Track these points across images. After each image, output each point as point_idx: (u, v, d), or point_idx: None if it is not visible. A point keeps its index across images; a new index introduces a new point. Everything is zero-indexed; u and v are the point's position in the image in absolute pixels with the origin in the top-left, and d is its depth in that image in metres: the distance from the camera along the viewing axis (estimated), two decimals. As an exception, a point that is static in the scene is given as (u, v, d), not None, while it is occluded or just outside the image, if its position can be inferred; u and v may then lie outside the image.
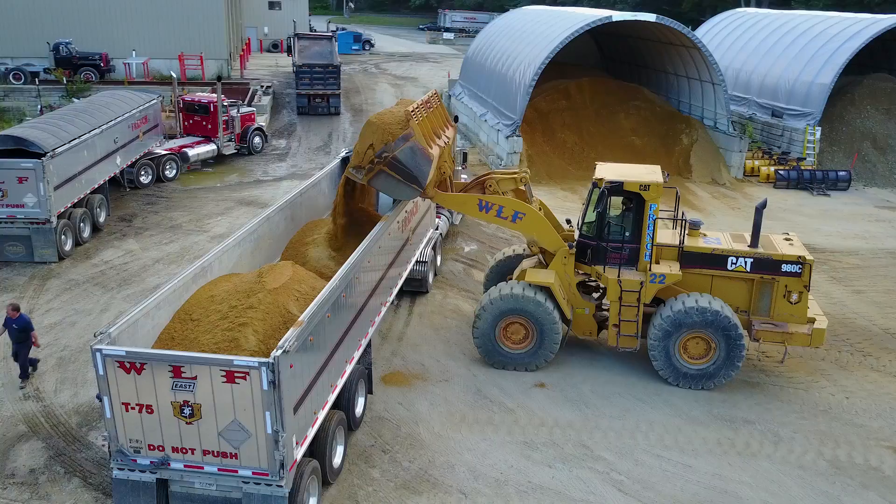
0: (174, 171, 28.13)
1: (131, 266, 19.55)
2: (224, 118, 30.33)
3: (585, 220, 15.27)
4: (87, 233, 21.15)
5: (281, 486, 9.27)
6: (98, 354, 8.99)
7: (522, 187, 15.61)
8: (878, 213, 26.71)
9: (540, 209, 15.65)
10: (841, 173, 29.21)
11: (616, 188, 14.43)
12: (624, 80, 35.64)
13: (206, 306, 10.77)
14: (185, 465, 9.36)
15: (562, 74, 34.81)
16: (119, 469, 9.55)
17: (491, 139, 31.56)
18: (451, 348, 15.57)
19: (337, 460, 11.19)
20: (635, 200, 14.64)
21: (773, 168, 29.78)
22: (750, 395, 14.00)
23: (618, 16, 28.74)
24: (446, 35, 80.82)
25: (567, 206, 25.06)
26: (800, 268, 14.41)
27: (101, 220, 22.26)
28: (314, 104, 39.27)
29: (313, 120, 38.66)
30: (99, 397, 9.31)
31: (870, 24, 31.39)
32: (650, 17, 28.94)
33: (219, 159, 30.54)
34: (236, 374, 8.78)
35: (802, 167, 29.59)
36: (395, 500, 10.96)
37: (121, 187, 25.65)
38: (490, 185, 15.28)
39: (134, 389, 9.07)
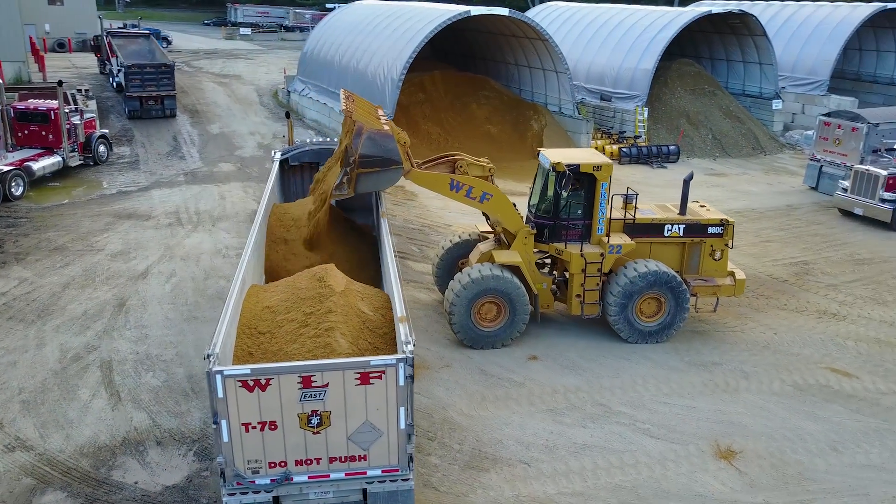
0: (21, 188, 25.19)
1: (37, 295, 17.55)
2: (66, 126, 27.59)
3: (539, 203, 16.48)
4: (-36, 264, 18.56)
5: (407, 480, 9.43)
6: (218, 377, 8.50)
7: (489, 175, 16.46)
8: (709, 179, 30.87)
9: None
10: (671, 147, 33.27)
11: (574, 170, 15.78)
12: (459, 70, 37.33)
13: (269, 318, 10.47)
14: (308, 477, 9.17)
15: (410, 68, 35.74)
16: (230, 495, 9.11)
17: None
18: (433, 336, 16.06)
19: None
20: (587, 180, 16.11)
21: (615, 146, 33.14)
22: (705, 342, 16.11)
23: (476, 10, 30.21)
24: (243, 31, 78.03)
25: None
26: (722, 229, 16.76)
27: (-30, 248, 19.60)
28: (147, 107, 36.67)
29: (149, 124, 36.10)
30: (215, 421, 8.80)
31: (677, 17, 35.88)
32: (504, 11, 30.78)
33: (64, 172, 27.75)
34: (371, 375, 8.81)
35: (639, 144, 33.27)
36: (467, 479, 11.44)
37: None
38: (461, 167, 15.93)
39: (257, 408, 8.73)
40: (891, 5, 41.19)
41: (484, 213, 16.88)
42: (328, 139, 20.37)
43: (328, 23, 40.75)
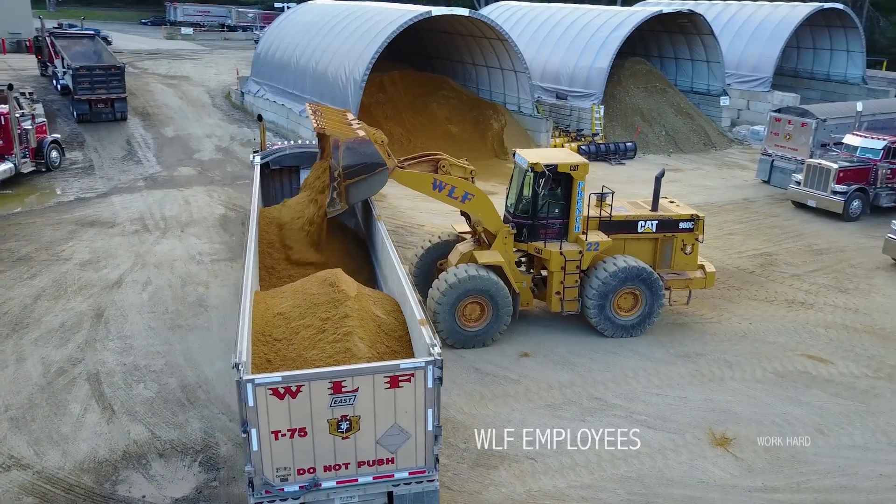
0: (-27, 197, 24.25)
1: (8, 307, 16.95)
2: (17, 131, 26.62)
3: (517, 203, 16.71)
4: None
5: (433, 481, 9.54)
6: (249, 386, 8.44)
7: (469, 177, 16.61)
8: (667, 175, 31.55)
9: None
10: (628, 144, 34.06)
11: (552, 170, 16.08)
12: (417, 70, 37.44)
13: (283, 324, 10.43)
14: (337, 482, 9.19)
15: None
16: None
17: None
18: (423, 337, 16.15)
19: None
20: (564, 179, 16.44)
21: (574, 144, 33.72)
22: (686, 334, 16.65)
23: (437, 11, 30.36)
24: (184, 30, 76.27)
25: (413, 194, 25.83)
26: (693, 224, 17.33)
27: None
28: (97, 110, 35.59)
29: (100, 128, 35.08)
30: (245, 430, 8.73)
31: (629, 17, 36.75)
32: (464, 11, 31.00)
33: (15, 179, 26.78)
34: (401, 378, 8.88)
35: (598, 142, 33.96)
36: (477, 477, 11.61)
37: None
38: (444, 167, 16.03)
39: (287, 415, 8.70)
40: (827, 5, 43.01)
41: (463, 214, 17.06)
42: (308, 142, 20.25)
43: (282, 23, 40.26)
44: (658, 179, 17.64)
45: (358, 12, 33.92)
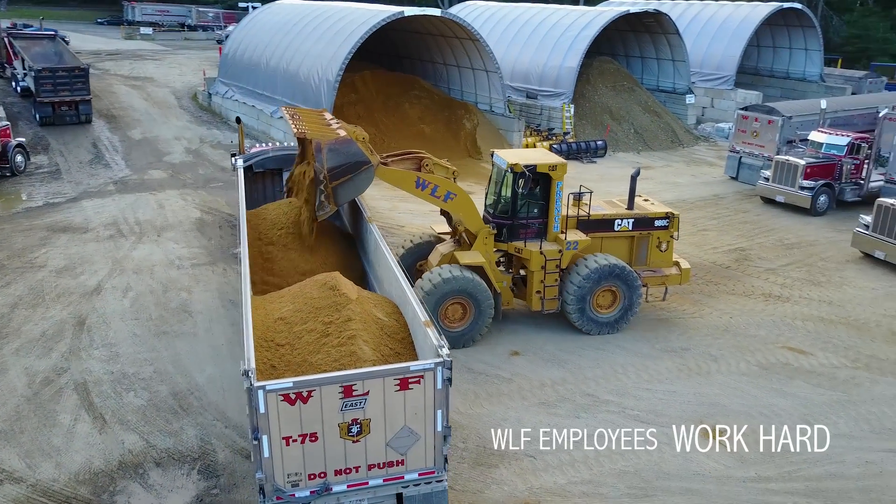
0: (-63, 204, 23.56)
1: (-16, 317, 16.55)
2: (-20, 136, 25.96)
3: (497, 203, 16.80)
4: None
5: (441, 481, 9.60)
6: (261, 392, 8.41)
7: (452, 177, 16.68)
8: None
9: None
10: (599, 143, 34.48)
11: (532, 170, 16.24)
12: (387, 70, 37.36)
13: (285, 329, 10.38)
14: (347, 486, 9.20)
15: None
16: (266, 511, 9.03)
17: (292, 136, 31.25)
18: (413, 338, 16.18)
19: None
20: (543, 179, 16.60)
21: (546, 143, 34.01)
22: (669, 329, 16.96)
23: (409, 11, 30.33)
24: (143, 30, 74.85)
25: (392, 195, 25.90)
26: (668, 221, 17.66)
27: None
28: (60, 113, 34.76)
29: (65, 131, 34.29)
30: (256, 437, 8.68)
31: (597, 16, 37.19)
32: (435, 11, 31.05)
33: (-21, 184, 26.12)
34: (410, 380, 8.93)
35: (569, 140, 34.31)
36: (479, 476, 11.70)
37: None
38: (427, 165, 16.04)
39: (298, 421, 8.68)
40: (786, 5, 44.05)
41: (443, 214, 17.09)
42: (288, 144, 20.11)
43: (250, 23, 39.81)
44: (634, 178, 17.93)
45: (328, 12, 33.72)
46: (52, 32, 41.38)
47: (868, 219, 21.49)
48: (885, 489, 11.61)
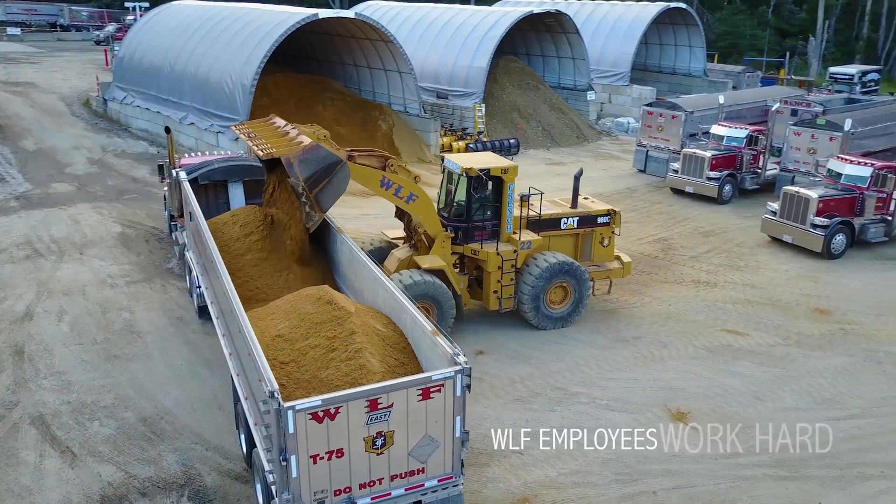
0: None
1: None
2: None
3: (450, 207, 17.12)
4: None
5: (457, 485, 9.81)
6: (290, 412, 8.32)
7: (414, 180, 16.80)
8: (551, 168, 33.30)
9: None
10: (512, 141, 35.29)
11: (486, 174, 16.66)
12: (297, 72, 36.79)
13: (287, 347, 10.26)
14: (371, 499, 9.24)
15: (246, 72, 34.56)
16: (290, 531, 8.93)
17: (205, 142, 30.27)
18: (376, 344, 16.21)
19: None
20: (495, 182, 17.07)
21: (461, 143, 34.56)
22: (619, 319, 17.82)
23: (323, 13, 29.99)
24: (10, 30, 69.74)
25: (341, 200, 25.68)
26: (609, 218, 18.58)
27: None
28: (-60, 124, 32.08)
29: (-53, 144, 31.68)
30: (285, 458, 8.57)
31: (503, 17, 38.08)
32: (349, 13, 30.85)
33: None
34: (432, 389, 9.08)
35: (483, 139, 34.98)
36: (473, 476, 11.89)
37: None
38: (392, 166, 16.07)
39: (325, 438, 8.66)
40: (672, 4, 46.65)
41: (399, 217, 17.22)
42: (240, 153, 19.53)
43: (146, 25, 38.03)
44: (577, 178, 18.73)
45: (235, 14, 32.79)
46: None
47: (775, 206, 23.28)
48: (838, 455, 12.78)
